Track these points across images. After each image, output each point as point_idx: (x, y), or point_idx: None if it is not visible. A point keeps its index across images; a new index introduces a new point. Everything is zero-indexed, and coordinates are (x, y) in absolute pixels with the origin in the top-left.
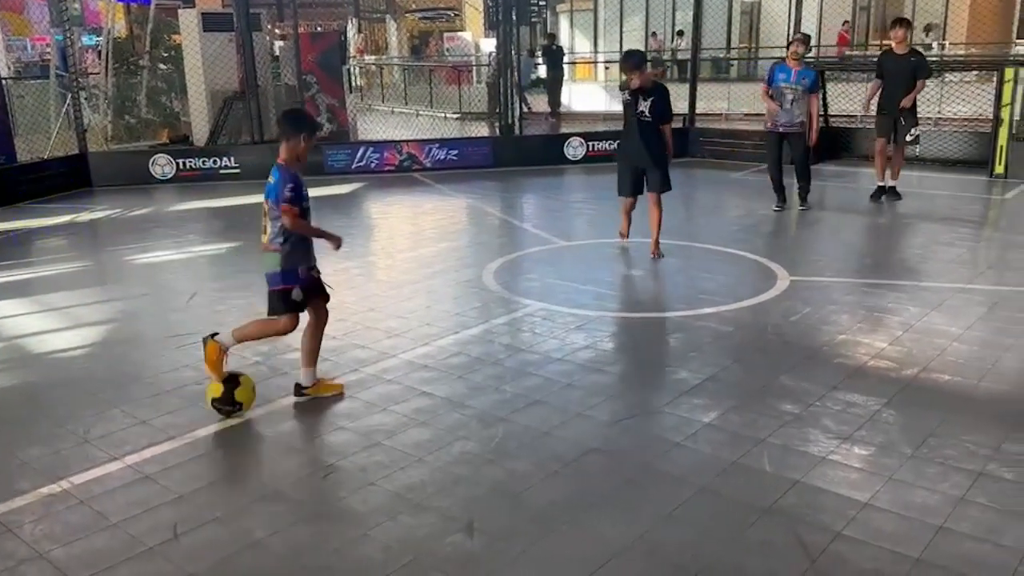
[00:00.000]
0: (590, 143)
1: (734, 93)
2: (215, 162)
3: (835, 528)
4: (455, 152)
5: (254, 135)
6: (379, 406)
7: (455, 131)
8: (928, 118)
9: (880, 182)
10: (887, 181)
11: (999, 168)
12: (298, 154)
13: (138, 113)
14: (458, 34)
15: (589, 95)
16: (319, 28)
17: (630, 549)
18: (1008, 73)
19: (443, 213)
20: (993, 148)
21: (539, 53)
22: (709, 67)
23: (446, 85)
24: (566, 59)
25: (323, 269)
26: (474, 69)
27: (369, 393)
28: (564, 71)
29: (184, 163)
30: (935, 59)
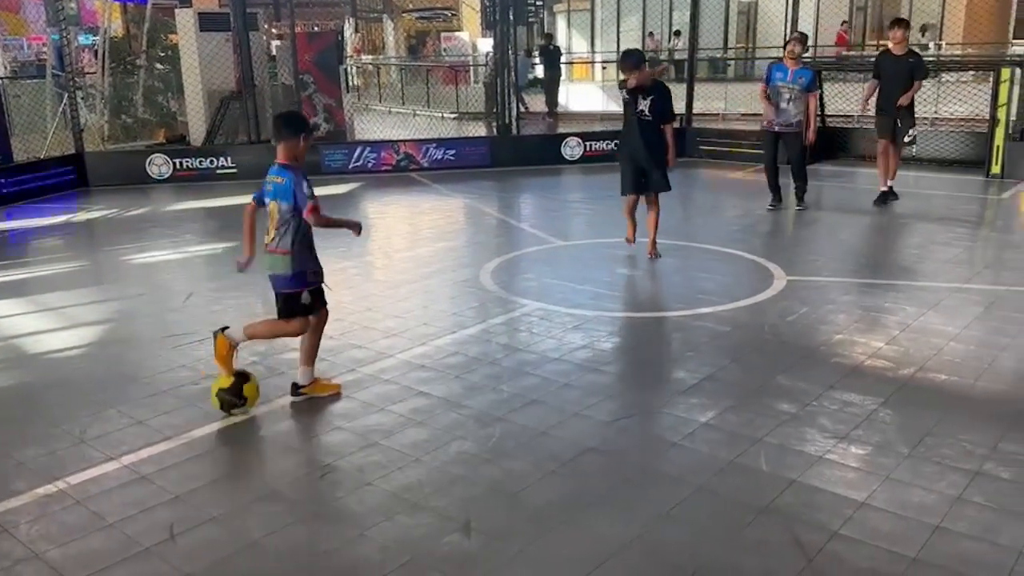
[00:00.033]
0: (587, 143)
1: (731, 93)
2: (212, 162)
3: (832, 527)
4: (452, 152)
5: (251, 135)
6: (376, 406)
7: (452, 131)
8: (925, 118)
9: (883, 187)
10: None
11: (995, 168)
12: (296, 155)
13: (135, 113)
14: (455, 34)
15: (586, 95)
16: (316, 28)
17: (627, 548)
18: (1004, 73)
19: (440, 213)
20: (989, 148)
21: (536, 53)
22: (706, 67)
23: (443, 85)
24: (563, 59)
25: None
26: (471, 69)
27: (366, 393)
28: (561, 71)
29: (181, 163)
30: (931, 59)
